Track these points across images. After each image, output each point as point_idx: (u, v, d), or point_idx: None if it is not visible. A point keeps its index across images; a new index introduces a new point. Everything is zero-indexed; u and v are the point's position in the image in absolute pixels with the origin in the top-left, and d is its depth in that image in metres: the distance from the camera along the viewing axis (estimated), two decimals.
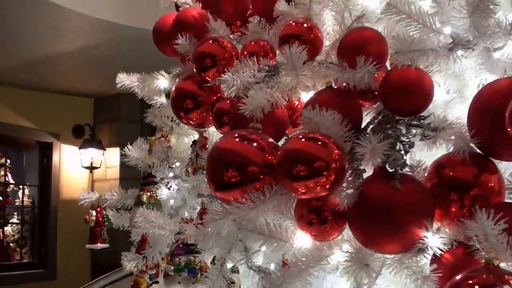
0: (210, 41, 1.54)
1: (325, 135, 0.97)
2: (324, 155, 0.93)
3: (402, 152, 0.96)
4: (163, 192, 1.95)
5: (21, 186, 6.60)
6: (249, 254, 1.29)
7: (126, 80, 1.94)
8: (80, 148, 6.45)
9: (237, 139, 1.13)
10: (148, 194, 1.91)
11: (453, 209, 1.00)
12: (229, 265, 1.46)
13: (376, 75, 1.11)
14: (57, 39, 5.08)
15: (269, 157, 1.06)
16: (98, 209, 3.17)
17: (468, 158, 1.01)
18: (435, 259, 0.96)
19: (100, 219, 3.21)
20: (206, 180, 1.16)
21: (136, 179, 5.60)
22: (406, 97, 1.02)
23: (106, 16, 4.70)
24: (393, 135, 0.99)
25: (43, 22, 4.65)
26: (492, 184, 1.02)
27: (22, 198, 6.56)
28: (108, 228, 2.91)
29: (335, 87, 1.20)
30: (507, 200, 1.03)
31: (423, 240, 0.92)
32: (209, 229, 1.13)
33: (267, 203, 1.00)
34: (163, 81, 1.88)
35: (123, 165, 6.48)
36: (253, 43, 1.47)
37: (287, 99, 1.27)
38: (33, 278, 6.11)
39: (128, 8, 4.79)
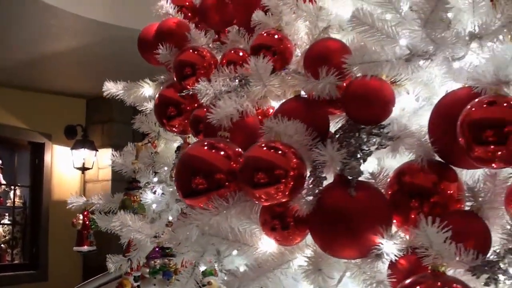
0: (190, 50, 1.60)
1: (285, 144, 1.02)
2: (283, 163, 0.98)
3: (361, 160, 1.00)
4: (147, 197, 2.01)
5: (12, 187, 6.63)
6: (220, 258, 1.34)
7: (112, 88, 2.00)
8: (72, 148, 6.48)
9: (205, 148, 1.18)
10: (132, 198, 1.98)
11: (413, 216, 1.04)
12: (202, 268, 1.52)
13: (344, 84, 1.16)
14: (50, 40, 5.11)
15: (234, 165, 1.11)
16: (85, 213, 3.34)
17: (428, 166, 1.06)
18: (391, 264, 1.00)
19: (87, 222, 3.36)
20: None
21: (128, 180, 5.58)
22: (367, 106, 1.07)
23: (99, 16, 4.74)
24: (354, 144, 1.04)
25: (35, 22, 4.69)
26: (451, 192, 1.07)
27: (14, 198, 6.59)
28: (98, 231, 3.02)
29: (304, 96, 1.25)
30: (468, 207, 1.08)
31: (378, 246, 0.96)
32: (178, 233, 1.18)
33: (231, 209, 1.04)
34: (148, 89, 1.95)
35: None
36: (232, 52, 1.52)
37: (257, 108, 1.31)
38: (24, 279, 6.14)
39: (121, 9, 4.83)
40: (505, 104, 0.89)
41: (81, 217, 3.43)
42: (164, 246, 1.69)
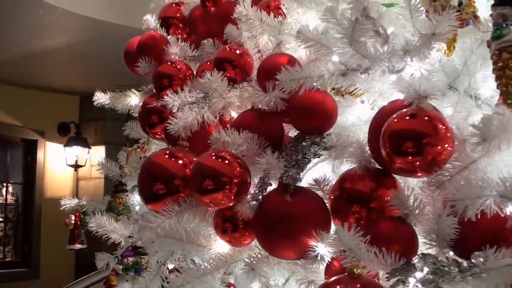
0: (168, 63, 1.74)
1: (231, 153, 1.16)
2: (227, 171, 1.11)
3: (301, 168, 1.13)
4: (134, 199, 2.16)
5: (4, 184, 6.77)
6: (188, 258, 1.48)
7: (102, 98, 2.14)
8: (65, 146, 6.63)
9: (166, 156, 1.32)
10: (118, 200, 2.16)
11: (352, 221, 1.17)
12: (171, 266, 1.65)
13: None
14: (43, 36, 5.25)
15: (189, 172, 1.24)
16: (77, 214, 3.63)
17: (368, 173, 1.17)
18: (327, 266, 1.13)
19: (78, 222, 3.64)
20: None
21: None
22: (309, 118, 1.19)
23: (92, 13, 4.87)
24: (298, 152, 1.17)
25: (28, 19, 4.82)
26: (388, 198, 1.19)
27: (6, 196, 6.73)
28: (90, 231, 3.26)
29: (260, 107, 1.38)
30: None
31: (313, 248, 1.09)
32: (140, 235, 1.32)
33: (184, 213, 1.18)
34: (134, 98, 2.08)
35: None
36: (208, 63, 1.66)
37: (218, 118, 1.45)
38: (16, 277, 6.28)
39: (114, 6, 4.96)
40: (425, 118, 1.00)
41: (73, 217, 3.73)
42: (137, 246, 1.84)
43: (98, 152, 6.73)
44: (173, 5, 2.02)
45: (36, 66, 5.92)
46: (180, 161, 1.30)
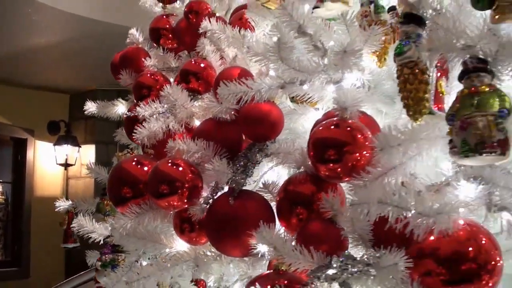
0: (148, 74, 1.92)
1: (185, 160, 1.34)
2: (180, 177, 1.30)
3: (248, 173, 1.31)
4: None
5: None
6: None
7: (91, 107, 2.31)
8: (55, 144, 6.80)
9: (133, 163, 1.50)
10: (105, 202, 2.38)
11: (294, 221, 1.34)
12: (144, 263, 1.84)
13: None
14: (31, 34, 5.40)
15: None
16: (70, 214, 3.99)
17: (310, 177, 1.32)
18: (269, 263, 1.31)
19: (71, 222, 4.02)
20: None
21: None
22: (256, 127, 1.37)
23: (81, 11, 5.03)
24: (247, 159, 1.34)
25: (17, 16, 4.97)
26: None
27: None
28: None
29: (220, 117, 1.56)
30: None
31: (255, 247, 1.26)
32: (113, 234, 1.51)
33: (145, 214, 1.37)
34: (121, 107, 2.27)
35: (99, 163, 6.82)
36: None
37: (184, 127, 1.63)
38: (6, 276, 6.42)
39: (104, 4, 5.11)
40: (347, 128, 1.15)
41: (66, 217, 4.11)
42: (115, 244, 2.03)
43: (88, 151, 6.92)
44: (164, 16, 2.21)
45: (25, 64, 6.07)
46: (145, 168, 1.48)
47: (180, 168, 1.32)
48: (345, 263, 0.98)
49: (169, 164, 1.33)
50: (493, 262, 0.95)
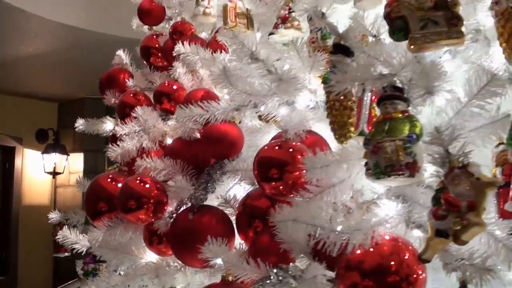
0: (131, 94, 2.10)
1: (152, 178, 1.51)
2: (146, 193, 1.47)
3: (209, 190, 1.48)
4: None
5: None
6: None
7: (82, 125, 2.47)
8: (43, 153, 6.91)
9: (108, 179, 1.67)
10: None
11: (251, 234, 1.49)
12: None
13: None
14: (20, 42, 5.54)
15: None
16: (61, 225, 4.27)
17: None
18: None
19: None
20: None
21: None
22: (216, 146, 1.54)
23: (69, 20, 5.18)
24: (208, 176, 1.51)
25: (4, 24, 5.11)
26: None
27: None
28: None
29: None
30: None
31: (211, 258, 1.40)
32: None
33: (117, 227, 1.54)
34: (109, 124, 2.44)
35: (87, 171, 6.95)
36: None
37: (157, 146, 1.80)
38: None
39: (90, 13, 5.27)
40: (289, 149, 1.30)
41: (58, 228, 4.38)
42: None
43: (77, 159, 7.05)
44: (154, 36, 2.40)
45: (14, 72, 6.21)
46: (119, 184, 1.65)
47: (147, 185, 1.49)
48: (281, 275, 1.12)
49: (137, 181, 1.50)
50: (415, 275, 1.04)
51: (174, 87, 1.86)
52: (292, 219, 1.09)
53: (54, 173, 6.98)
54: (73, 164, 7.08)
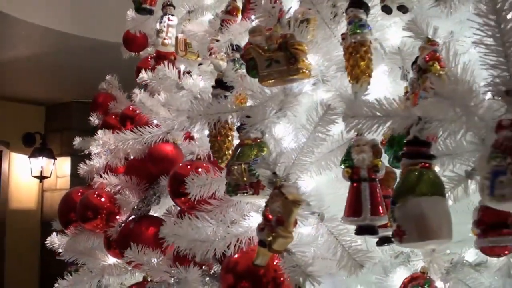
0: (112, 116, 2.51)
1: (106, 192, 1.90)
2: (100, 205, 1.87)
3: (151, 203, 1.87)
4: None
5: None
6: None
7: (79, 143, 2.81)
8: (30, 156, 7.19)
9: (78, 193, 2.07)
10: None
11: None
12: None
13: None
14: (6, 47, 5.84)
15: None
16: None
17: None
18: None
19: None
20: None
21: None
22: (157, 164, 1.92)
23: (56, 25, 5.41)
24: (151, 191, 1.91)
25: None
26: None
27: None
28: None
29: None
30: None
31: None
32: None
33: (82, 234, 1.94)
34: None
35: (74, 175, 7.20)
36: None
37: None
38: None
39: (77, 19, 5.54)
40: (197, 168, 1.62)
41: None
42: None
43: (64, 163, 7.39)
44: (148, 58, 2.74)
45: (0, 76, 6.52)
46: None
47: (102, 199, 1.89)
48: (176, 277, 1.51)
49: (94, 195, 1.90)
50: (282, 278, 1.30)
51: (137, 111, 2.24)
52: (173, 234, 1.46)
53: (41, 177, 7.24)
54: (60, 168, 7.37)
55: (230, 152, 1.47)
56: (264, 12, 1.39)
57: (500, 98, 0.90)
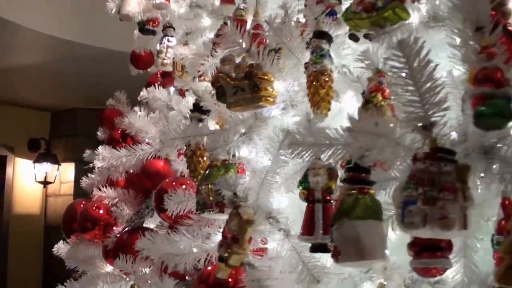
0: (119, 131, 2.74)
1: (104, 205, 2.12)
2: (98, 216, 2.09)
3: (145, 215, 2.09)
4: None
5: None
6: None
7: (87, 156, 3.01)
8: (34, 162, 7.47)
9: (80, 204, 2.30)
10: None
11: None
12: None
13: None
14: (13, 54, 6.10)
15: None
16: None
17: None
18: None
19: None
20: None
21: None
22: (151, 178, 2.14)
23: (61, 34, 5.67)
24: (144, 204, 2.13)
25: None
26: None
27: None
28: None
29: None
30: None
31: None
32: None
33: (82, 243, 2.16)
34: None
35: (78, 181, 7.56)
36: None
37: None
38: None
39: (82, 27, 5.77)
40: (181, 185, 1.89)
41: None
42: None
43: (68, 169, 7.67)
44: (157, 74, 2.97)
45: (6, 81, 6.73)
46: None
47: (100, 211, 2.11)
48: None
49: (93, 207, 2.12)
50: None
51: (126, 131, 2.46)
52: (146, 248, 1.68)
53: (45, 183, 7.51)
54: (64, 174, 7.65)
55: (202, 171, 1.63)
56: (232, 43, 1.53)
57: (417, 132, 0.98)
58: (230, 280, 1.51)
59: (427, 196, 0.93)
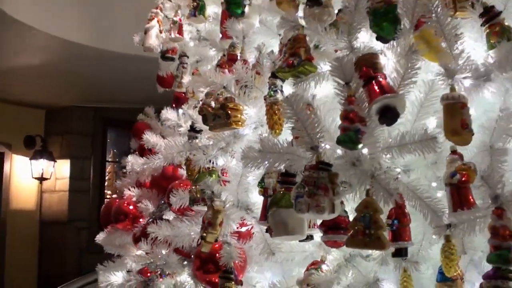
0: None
1: (133, 201, 3.36)
2: (128, 211, 3.32)
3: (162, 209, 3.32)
4: None
5: None
6: None
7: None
8: (31, 159, 8.40)
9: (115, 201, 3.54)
10: None
11: None
12: None
13: None
14: (10, 54, 6.58)
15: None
16: None
17: None
18: None
19: None
20: None
21: (85, 191, 8.66)
22: (167, 181, 3.27)
23: (60, 33, 6.09)
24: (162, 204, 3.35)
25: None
26: None
27: None
28: None
29: None
30: None
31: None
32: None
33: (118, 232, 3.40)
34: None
35: (73, 177, 8.67)
36: None
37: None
38: None
39: (87, 29, 6.33)
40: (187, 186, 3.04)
41: None
42: None
43: (63, 166, 8.65)
44: (183, 93, 3.40)
45: (2, 80, 7.33)
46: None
47: (130, 206, 3.34)
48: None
49: (125, 204, 3.36)
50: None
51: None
52: (156, 231, 2.61)
53: (42, 179, 8.47)
54: (59, 170, 8.64)
55: None
56: (213, 85, 2.25)
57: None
58: (213, 254, 2.17)
59: (310, 192, 1.52)
